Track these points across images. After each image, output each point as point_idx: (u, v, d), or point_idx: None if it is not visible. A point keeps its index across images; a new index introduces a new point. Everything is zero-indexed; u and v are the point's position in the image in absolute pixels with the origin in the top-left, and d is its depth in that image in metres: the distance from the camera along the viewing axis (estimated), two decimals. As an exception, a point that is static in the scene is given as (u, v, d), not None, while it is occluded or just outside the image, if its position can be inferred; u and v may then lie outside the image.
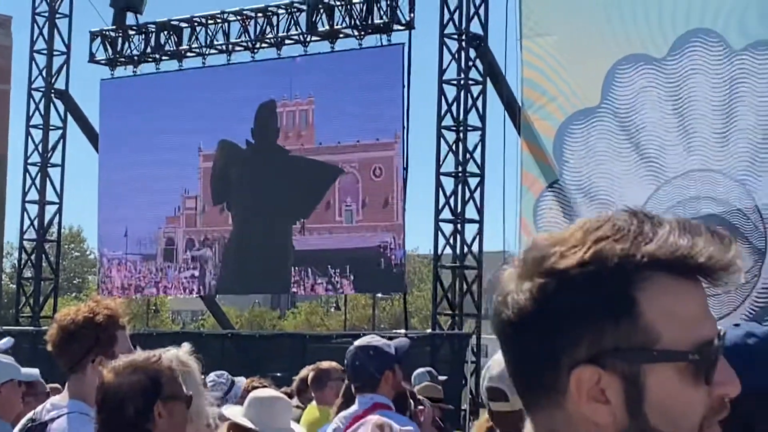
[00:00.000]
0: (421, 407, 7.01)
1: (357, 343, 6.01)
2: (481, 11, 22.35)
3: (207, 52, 25.72)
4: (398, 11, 22.99)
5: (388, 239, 22.81)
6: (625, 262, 1.51)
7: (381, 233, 22.87)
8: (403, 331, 23.14)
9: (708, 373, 1.53)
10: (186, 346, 4.25)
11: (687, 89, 18.96)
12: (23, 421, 4.80)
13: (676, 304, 1.52)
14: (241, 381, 7.78)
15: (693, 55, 18.90)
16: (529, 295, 1.53)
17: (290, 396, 8.68)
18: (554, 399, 1.54)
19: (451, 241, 22.57)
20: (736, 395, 1.58)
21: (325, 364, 8.17)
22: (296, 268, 24.06)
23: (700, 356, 1.52)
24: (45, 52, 28.41)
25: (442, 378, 10.26)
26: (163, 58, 26.19)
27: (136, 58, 26.54)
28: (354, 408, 5.78)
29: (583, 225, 1.57)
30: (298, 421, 7.32)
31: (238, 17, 25.16)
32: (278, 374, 13.47)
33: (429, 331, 22.94)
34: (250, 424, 5.60)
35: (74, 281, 72.59)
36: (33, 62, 28.58)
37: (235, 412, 5.77)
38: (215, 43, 25.52)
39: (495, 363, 4.15)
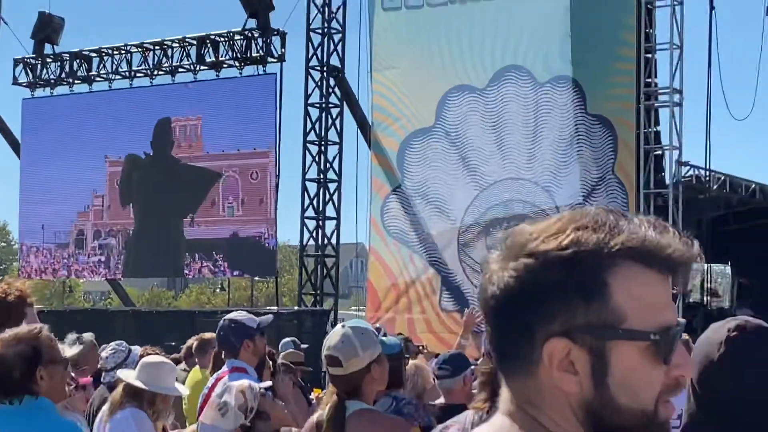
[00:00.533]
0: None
1: (225, 317, 6.01)
2: (339, 48, 22.43)
3: (113, 78, 25.26)
4: (272, 47, 22.92)
5: (263, 230, 22.77)
6: (599, 249, 1.44)
7: (256, 226, 22.80)
8: (275, 308, 23.09)
9: (666, 354, 1.46)
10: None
11: (503, 113, 19.21)
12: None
13: (642, 290, 1.45)
14: (137, 349, 7.70)
15: (507, 86, 19.17)
16: (514, 273, 1.46)
17: (179, 361, 8.63)
18: (528, 368, 1.46)
19: (314, 234, 22.57)
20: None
21: (207, 335, 8.11)
22: (187, 254, 23.90)
23: (660, 338, 1.44)
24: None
25: (304, 346, 10.24)
26: (76, 82, 25.61)
27: (53, 81, 25.92)
28: (221, 370, 5.78)
29: (566, 216, 1.51)
30: (184, 382, 7.30)
31: (139, 49, 24.76)
32: (172, 344, 13.30)
33: (296, 308, 22.92)
34: (140, 384, 5.59)
35: (1, 267, 70.71)
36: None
37: (128, 375, 5.76)
38: (120, 70, 25.08)
39: (333, 335, 4.16)
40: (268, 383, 5.21)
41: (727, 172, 19.95)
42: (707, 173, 19.43)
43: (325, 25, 22.30)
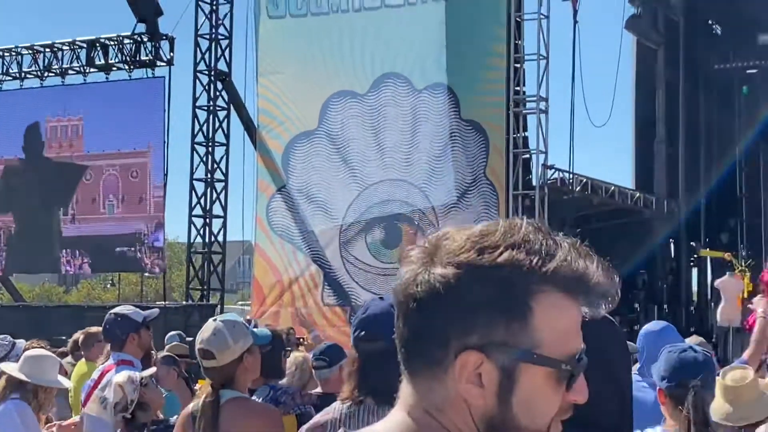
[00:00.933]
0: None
1: (111, 311, 5.91)
2: (227, 54, 22.26)
3: (3, 79, 24.57)
4: (161, 51, 22.61)
5: (142, 228, 22.46)
6: (531, 273, 1.39)
7: (136, 222, 22.49)
8: (163, 302, 22.74)
9: (570, 381, 1.43)
10: None
11: (382, 118, 19.30)
12: None
13: (560, 318, 1.42)
14: (22, 343, 7.50)
15: (387, 92, 19.26)
16: (441, 279, 1.40)
17: (65, 355, 8.44)
18: (438, 373, 1.42)
19: (202, 232, 22.34)
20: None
21: (93, 329, 7.94)
22: (66, 251, 23.41)
23: (570, 367, 1.42)
24: None
25: (190, 339, 10.12)
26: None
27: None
28: (108, 363, 5.68)
29: (498, 229, 1.44)
30: (70, 375, 7.15)
31: (30, 51, 24.14)
32: (62, 337, 13.00)
33: (184, 302, 22.62)
34: (22, 377, 5.45)
35: None
36: None
37: (11, 368, 5.61)
38: (10, 71, 24.41)
39: (205, 329, 4.12)
40: (152, 370, 5.13)
41: (588, 175, 20.46)
42: (571, 176, 19.87)
43: (213, 31, 22.13)
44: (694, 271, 23.56)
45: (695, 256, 22.87)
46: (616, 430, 2.53)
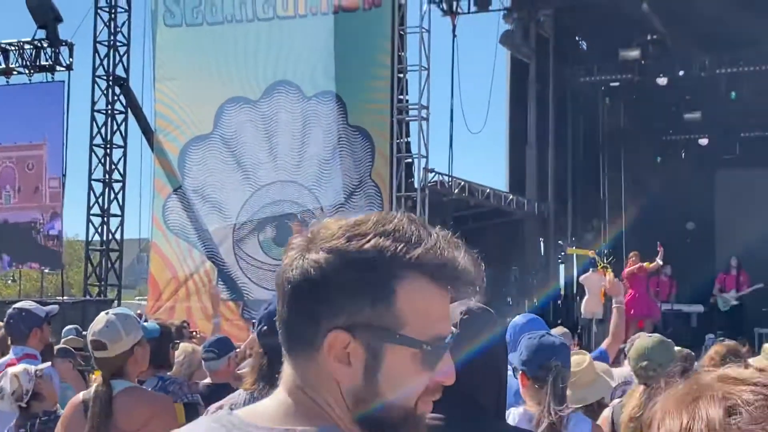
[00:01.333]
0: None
1: (14, 306, 5.80)
2: (125, 60, 21.85)
3: None
4: (60, 56, 22.07)
5: (38, 216, 21.88)
6: (395, 259, 1.41)
7: (32, 212, 21.92)
8: (62, 298, 22.22)
9: (434, 363, 1.44)
10: None
11: (274, 123, 19.24)
12: None
13: (424, 303, 1.42)
14: None
15: (279, 99, 19.21)
16: (314, 264, 1.42)
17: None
18: (311, 352, 1.43)
19: (100, 230, 21.91)
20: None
21: (-9, 324, 7.73)
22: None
23: (431, 348, 1.43)
24: None
25: (86, 333, 9.93)
26: None
27: None
28: (8, 356, 5.57)
29: (373, 219, 1.47)
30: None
31: (-70, 54, 23.32)
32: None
33: (82, 298, 22.13)
34: None
35: None
36: None
37: None
38: None
39: (97, 321, 4.08)
40: (47, 364, 5.06)
41: (466, 178, 20.74)
42: (450, 179, 20.12)
43: (111, 38, 21.70)
44: (562, 268, 24.09)
45: (562, 253, 23.37)
46: (494, 408, 2.67)
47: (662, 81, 22.22)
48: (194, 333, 11.98)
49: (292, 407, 1.46)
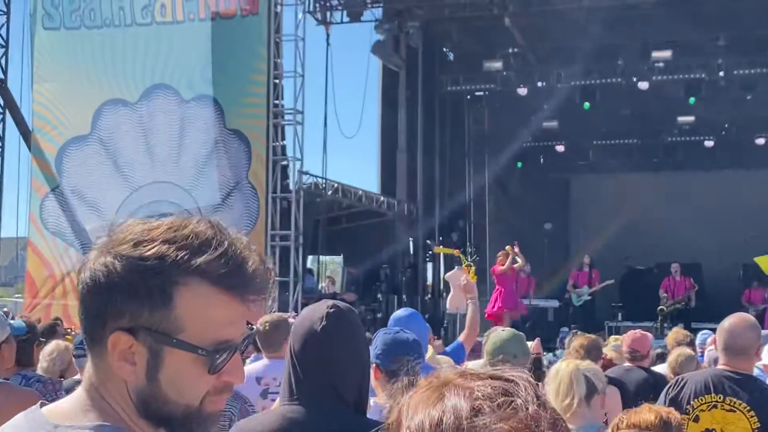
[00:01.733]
0: None
1: None
2: (3, 61, 21.06)
3: None
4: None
5: None
6: (175, 265, 1.41)
7: None
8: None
9: (214, 366, 1.43)
10: None
11: (152, 125, 18.90)
12: None
13: (206, 309, 1.42)
14: None
15: (157, 101, 18.88)
16: (103, 268, 1.43)
17: None
18: (100, 351, 1.45)
19: (-23, 229, 21.11)
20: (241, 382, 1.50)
21: None
22: None
23: (209, 353, 1.42)
24: None
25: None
26: None
27: None
28: None
29: (165, 225, 1.48)
30: None
31: None
32: None
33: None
34: None
35: None
36: None
37: None
38: None
39: None
40: None
41: (339, 180, 20.76)
42: (324, 181, 20.11)
43: (-11, 39, 20.93)
44: (429, 266, 24.35)
45: (430, 252, 23.62)
46: (357, 401, 2.68)
47: (522, 91, 22.69)
48: (69, 330, 11.62)
49: (87, 404, 1.47)
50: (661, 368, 7.77)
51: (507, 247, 17.59)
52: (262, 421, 2.74)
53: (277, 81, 18.44)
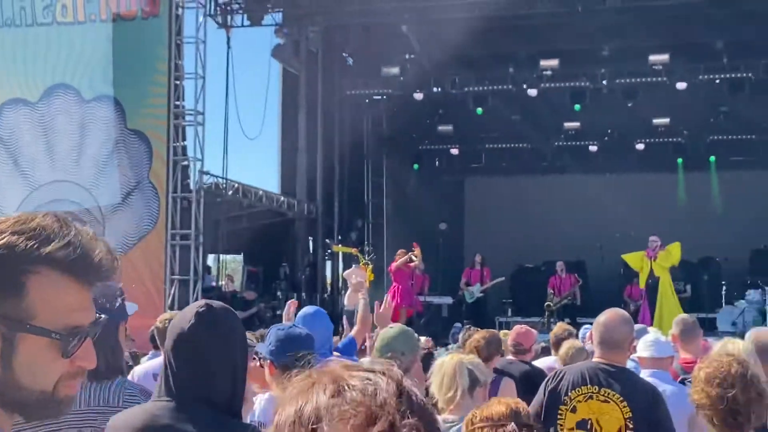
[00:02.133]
0: None
1: None
2: None
3: None
4: None
5: None
6: (25, 254, 1.42)
7: None
8: None
9: (67, 350, 1.45)
10: None
11: (53, 125, 18.47)
12: None
13: (57, 295, 1.44)
14: None
15: (57, 101, 18.45)
16: None
17: None
18: None
19: None
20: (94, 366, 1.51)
21: None
22: None
23: (62, 337, 1.44)
24: None
25: None
26: None
27: None
28: None
29: (14, 218, 1.47)
30: None
31: None
32: None
33: None
34: None
35: None
36: None
37: None
38: None
39: None
40: None
41: (241, 180, 20.62)
42: (225, 181, 19.94)
43: None
44: (328, 264, 24.37)
45: (329, 251, 23.66)
46: (227, 406, 2.63)
47: (419, 96, 22.92)
48: None
49: None
50: (547, 360, 7.98)
51: (417, 249, 17.58)
52: (129, 416, 2.72)
53: (177, 82, 18.20)
